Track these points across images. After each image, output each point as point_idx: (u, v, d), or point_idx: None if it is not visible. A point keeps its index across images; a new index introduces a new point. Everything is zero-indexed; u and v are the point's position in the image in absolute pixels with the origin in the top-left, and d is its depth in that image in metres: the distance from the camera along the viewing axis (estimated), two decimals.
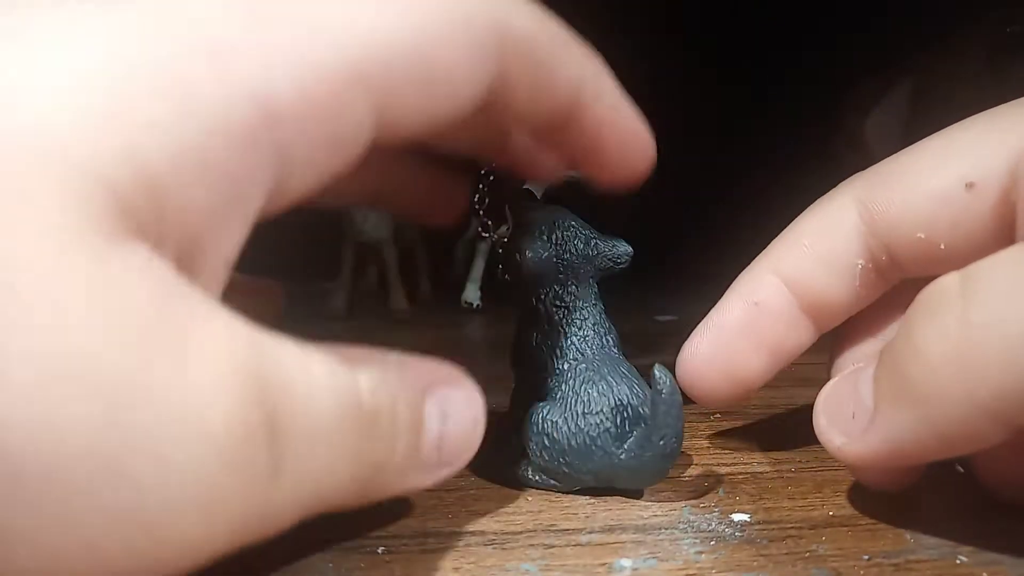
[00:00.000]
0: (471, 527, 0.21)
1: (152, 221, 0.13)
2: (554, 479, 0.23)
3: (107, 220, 0.12)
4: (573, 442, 0.22)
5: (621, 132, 0.20)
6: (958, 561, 0.19)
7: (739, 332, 0.24)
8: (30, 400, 0.11)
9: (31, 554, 0.11)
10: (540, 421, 0.22)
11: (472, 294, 0.62)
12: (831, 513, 0.22)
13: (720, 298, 0.24)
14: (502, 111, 0.18)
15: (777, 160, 0.57)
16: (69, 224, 0.12)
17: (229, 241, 0.15)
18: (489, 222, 0.58)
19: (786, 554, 0.19)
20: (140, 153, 0.13)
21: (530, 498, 0.23)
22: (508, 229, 0.23)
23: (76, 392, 0.11)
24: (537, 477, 0.23)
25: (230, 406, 0.12)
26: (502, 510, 0.22)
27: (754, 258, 0.25)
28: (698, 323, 0.24)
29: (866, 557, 0.19)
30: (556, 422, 0.22)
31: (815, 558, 0.19)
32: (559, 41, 0.18)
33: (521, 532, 0.20)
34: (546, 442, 0.22)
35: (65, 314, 0.11)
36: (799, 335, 0.24)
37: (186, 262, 0.14)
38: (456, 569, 0.19)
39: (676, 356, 0.24)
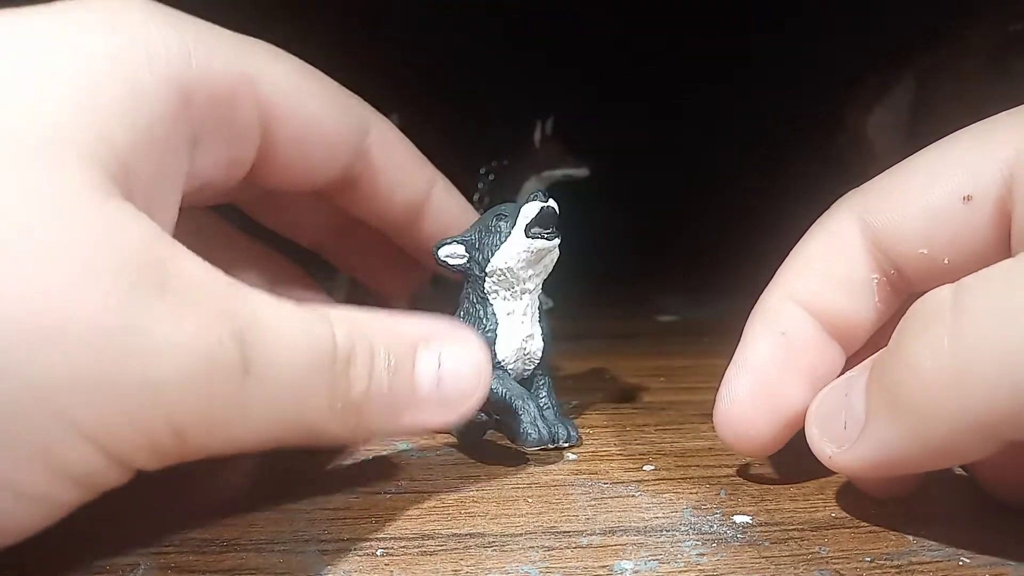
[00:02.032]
0: (470, 529, 0.21)
1: (127, 190, 0.17)
2: None
3: (101, 184, 0.16)
4: None
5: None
6: (960, 563, 0.19)
7: (774, 366, 0.22)
8: (64, 306, 0.14)
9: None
10: None
11: None
12: (833, 515, 0.22)
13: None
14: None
15: (779, 160, 0.57)
16: (76, 186, 0.16)
17: (169, 209, 0.20)
18: None
19: (788, 556, 0.19)
20: (111, 135, 0.17)
21: (530, 500, 0.23)
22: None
23: (93, 305, 0.14)
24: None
25: (208, 344, 0.15)
26: (502, 512, 0.22)
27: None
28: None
29: (868, 559, 0.19)
30: None
31: (817, 560, 0.19)
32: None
33: (521, 534, 0.20)
34: None
35: (75, 254, 0.15)
36: (831, 360, 0.23)
37: None
38: (455, 572, 0.18)
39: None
